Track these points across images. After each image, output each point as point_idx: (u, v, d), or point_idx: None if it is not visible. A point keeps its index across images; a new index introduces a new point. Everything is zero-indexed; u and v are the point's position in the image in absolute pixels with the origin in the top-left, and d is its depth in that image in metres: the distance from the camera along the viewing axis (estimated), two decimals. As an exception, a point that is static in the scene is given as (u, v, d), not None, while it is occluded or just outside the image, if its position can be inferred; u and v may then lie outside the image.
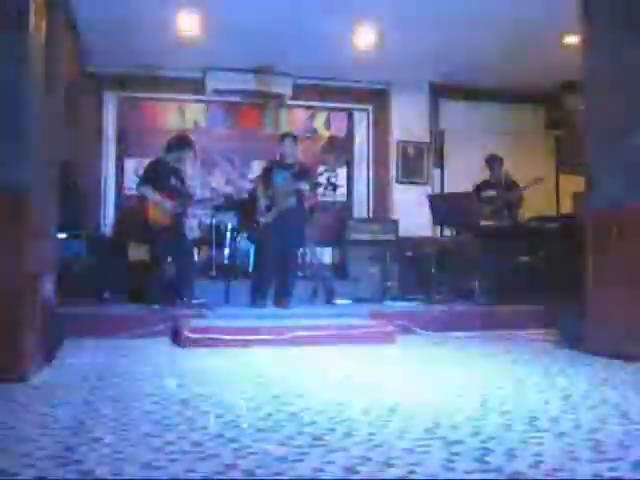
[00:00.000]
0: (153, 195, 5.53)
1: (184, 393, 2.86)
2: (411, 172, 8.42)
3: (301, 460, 1.83)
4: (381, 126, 8.62)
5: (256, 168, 7.80)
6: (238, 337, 4.49)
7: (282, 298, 5.87)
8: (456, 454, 1.90)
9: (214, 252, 6.91)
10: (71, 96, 6.22)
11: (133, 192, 7.29)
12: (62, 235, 5.58)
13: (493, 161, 6.70)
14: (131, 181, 7.67)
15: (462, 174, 7.50)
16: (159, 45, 6.91)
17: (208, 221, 7.11)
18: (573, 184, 7.93)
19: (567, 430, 2.20)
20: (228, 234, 6.97)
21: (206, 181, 8.10)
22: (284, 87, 8.04)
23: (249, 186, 7.82)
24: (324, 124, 8.56)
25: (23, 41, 3.16)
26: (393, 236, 7.29)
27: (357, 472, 1.74)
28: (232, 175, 8.24)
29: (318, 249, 7.28)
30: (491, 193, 6.52)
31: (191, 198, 5.97)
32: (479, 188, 6.67)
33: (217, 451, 1.92)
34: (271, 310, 5.68)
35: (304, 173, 6.03)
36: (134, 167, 7.70)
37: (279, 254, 5.85)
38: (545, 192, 7.75)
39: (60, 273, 4.24)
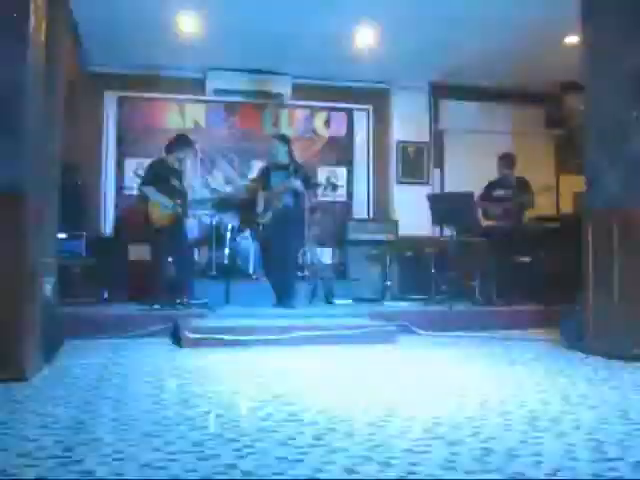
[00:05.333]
0: (154, 195, 5.53)
1: (184, 393, 2.86)
2: (411, 172, 8.42)
3: (301, 460, 1.83)
4: (381, 126, 8.62)
5: (256, 168, 7.81)
6: (238, 337, 4.49)
7: (283, 298, 5.87)
8: (456, 454, 1.90)
9: (214, 252, 6.91)
10: (71, 96, 6.22)
11: (133, 192, 7.30)
12: (62, 235, 5.58)
13: (501, 159, 6.67)
14: (131, 181, 7.68)
15: (462, 174, 7.51)
16: (159, 45, 6.91)
17: (208, 221, 7.11)
18: (573, 184, 7.93)
19: (567, 430, 2.20)
20: (228, 234, 6.97)
21: (206, 181, 8.10)
22: (284, 87, 8.05)
23: (249, 186, 7.82)
24: (324, 124, 8.56)
25: (23, 41, 3.16)
26: (393, 236, 7.29)
27: (357, 472, 1.74)
28: (232, 175, 8.25)
29: (318, 249, 7.29)
30: (501, 193, 6.49)
31: (187, 200, 5.95)
32: (490, 188, 6.62)
33: (217, 451, 1.92)
34: (271, 310, 5.68)
35: (297, 172, 6.02)
36: (134, 167, 7.71)
37: (279, 254, 5.86)
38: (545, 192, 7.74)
39: (60, 273, 4.24)
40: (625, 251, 3.90)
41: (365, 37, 6.82)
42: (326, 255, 7.71)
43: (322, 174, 8.28)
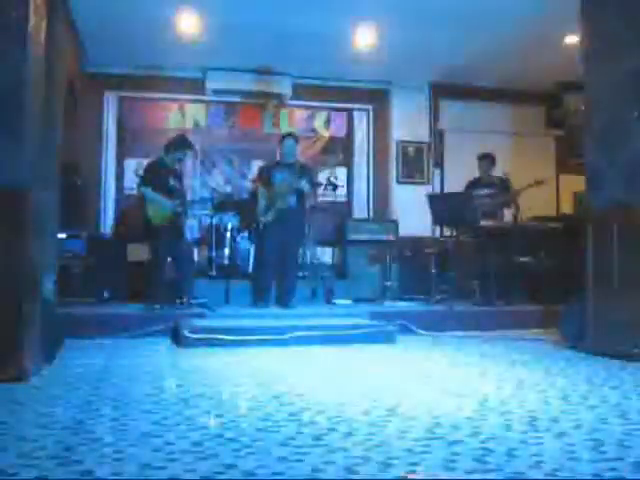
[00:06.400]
0: (153, 195, 5.53)
1: (184, 393, 2.86)
2: (411, 172, 8.43)
3: (301, 460, 1.83)
4: (381, 126, 8.62)
5: (256, 168, 7.81)
6: (238, 337, 4.49)
7: (284, 298, 5.87)
8: (456, 454, 1.90)
9: (214, 252, 6.91)
10: (71, 96, 6.22)
11: (133, 192, 7.30)
12: (62, 235, 5.58)
13: (482, 159, 6.69)
14: (131, 181, 7.68)
15: (462, 174, 7.49)
16: (159, 45, 6.92)
17: (208, 221, 7.12)
18: (573, 184, 7.94)
19: (567, 430, 2.20)
20: (228, 234, 6.97)
21: (206, 181, 8.11)
22: (284, 87, 8.05)
23: (249, 186, 7.83)
24: (324, 124, 8.56)
25: (23, 41, 3.16)
26: (393, 236, 7.29)
27: (357, 472, 1.74)
28: (232, 175, 8.25)
29: (318, 249, 7.29)
30: (483, 192, 6.49)
31: (187, 200, 5.95)
32: (471, 186, 6.64)
33: (217, 451, 1.92)
34: (271, 310, 5.68)
35: (304, 172, 6.03)
36: (134, 167, 7.71)
37: (279, 254, 5.86)
38: (545, 192, 7.74)
39: (60, 273, 4.24)
40: (625, 251, 3.90)
41: (365, 37, 6.82)
42: (326, 255, 7.71)
43: (322, 174, 8.28)
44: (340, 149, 8.39)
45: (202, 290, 5.93)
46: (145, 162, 6.14)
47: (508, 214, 6.56)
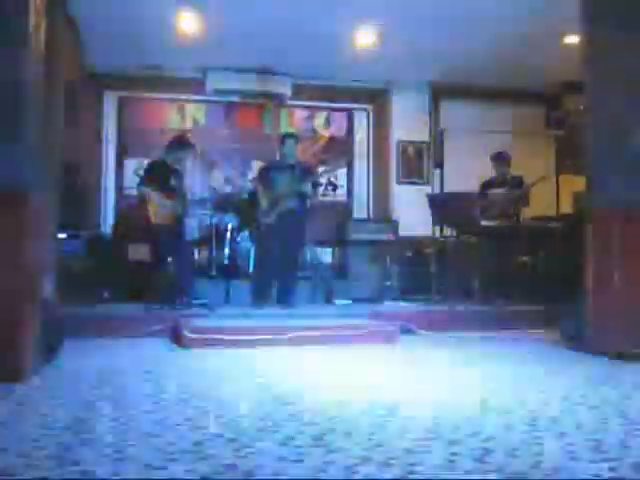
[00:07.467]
0: (153, 195, 5.53)
1: (184, 393, 2.86)
2: (411, 172, 8.43)
3: (301, 460, 1.83)
4: (381, 126, 8.62)
5: (256, 168, 7.81)
6: (238, 337, 4.48)
7: (284, 298, 5.88)
8: (456, 454, 1.90)
9: (214, 252, 6.91)
10: (71, 96, 6.22)
11: (133, 192, 7.31)
12: (62, 235, 5.59)
13: (498, 159, 6.64)
14: (131, 181, 7.69)
15: (462, 174, 7.51)
16: (159, 45, 6.92)
17: (208, 221, 7.12)
18: (573, 184, 7.94)
19: (567, 430, 2.20)
20: (228, 234, 6.97)
21: (206, 181, 8.11)
22: (284, 87, 8.05)
23: (249, 186, 7.83)
24: (324, 124, 8.56)
25: (23, 41, 3.16)
26: (393, 236, 7.30)
27: (357, 472, 1.74)
28: (232, 175, 8.25)
29: (318, 249, 7.29)
30: (498, 192, 6.47)
31: (187, 200, 5.95)
32: (485, 187, 6.61)
33: (217, 451, 1.92)
34: (271, 310, 5.68)
35: (306, 174, 6.03)
36: (134, 167, 7.71)
37: (280, 254, 5.86)
38: (545, 192, 7.74)
39: (60, 273, 4.24)
40: (625, 251, 3.90)
41: (365, 37, 6.83)
42: (326, 255, 7.71)
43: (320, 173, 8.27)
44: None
45: (202, 290, 5.93)
46: (145, 162, 6.14)
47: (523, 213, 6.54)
